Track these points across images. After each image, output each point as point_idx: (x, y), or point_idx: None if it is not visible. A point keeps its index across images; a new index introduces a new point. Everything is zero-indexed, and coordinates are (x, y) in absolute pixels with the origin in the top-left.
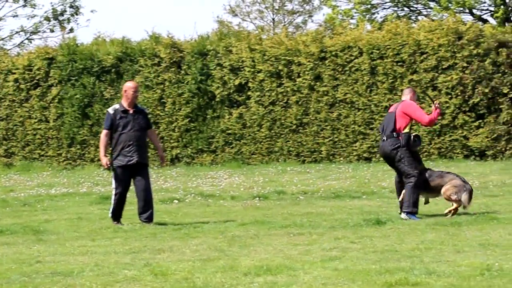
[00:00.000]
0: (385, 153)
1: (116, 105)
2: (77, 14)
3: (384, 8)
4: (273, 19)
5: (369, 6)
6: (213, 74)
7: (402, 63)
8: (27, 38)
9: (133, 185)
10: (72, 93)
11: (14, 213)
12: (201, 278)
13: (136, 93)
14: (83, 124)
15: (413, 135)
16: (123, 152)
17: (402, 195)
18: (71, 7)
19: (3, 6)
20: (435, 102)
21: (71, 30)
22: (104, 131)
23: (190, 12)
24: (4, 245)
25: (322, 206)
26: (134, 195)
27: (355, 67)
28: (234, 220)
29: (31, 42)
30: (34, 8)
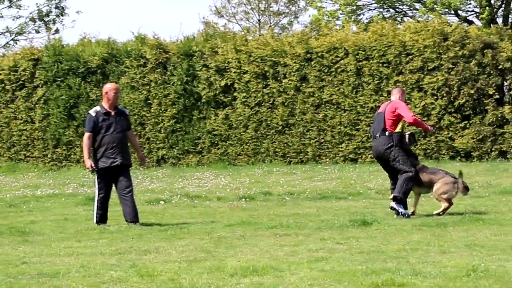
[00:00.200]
0: (378, 153)
1: (97, 107)
2: (63, 15)
3: (370, 9)
4: (259, 20)
5: (355, 8)
6: (199, 75)
7: (388, 64)
8: (13, 39)
9: (115, 186)
10: (58, 94)
11: (0, 214)
12: (188, 279)
13: (117, 94)
14: (69, 125)
15: (408, 134)
16: (106, 154)
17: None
18: (57, 8)
19: None
20: (434, 127)
21: (57, 31)
22: (87, 134)
23: (176, 13)
24: None
25: (308, 207)
26: (116, 196)
27: (341, 68)
28: (220, 221)
29: (17, 43)
30: (20, 9)
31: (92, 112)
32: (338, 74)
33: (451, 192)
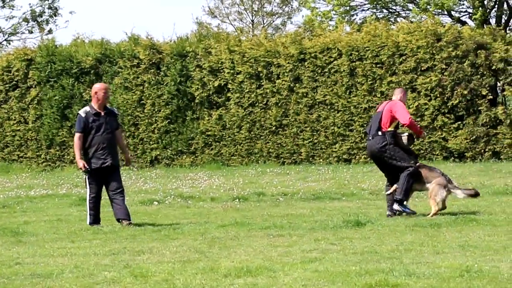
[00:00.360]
0: (373, 153)
1: (87, 108)
2: (56, 15)
3: (363, 10)
4: (252, 21)
5: (348, 8)
6: (193, 76)
7: (381, 65)
8: (6, 39)
9: (105, 187)
10: (51, 95)
11: None
12: (181, 280)
13: (107, 94)
14: (62, 126)
15: (408, 134)
16: (97, 155)
17: (393, 189)
18: (50, 8)
19: None
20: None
21: (50, 31)
22: (78, 135)
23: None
24: None
25: (302, 208)
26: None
27: (334, 69)
28: (214, 222)
29: (10, 43)
30: (13, 9)
31: (82, 113)
32: (332, 75)
33: (442, 195)
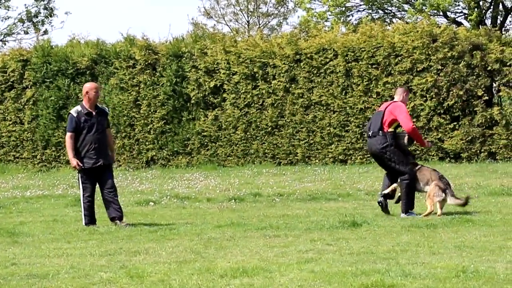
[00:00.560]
0: (373, 152)
1: (78, 107)
2: (52, 16)
3: (359, 11)
4: (248, 22)
5: (344, 9)
6: (188, 76)
7: (377, 66)
8: (1, 40)
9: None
10: (47, 95)
11: None
12: (177, 280)
13: (98, 94)
14: (58, 126)
15: (407, 135)
16: (89, 155)
17: (391, 188)
18: (45, 9)
19: None
20: (432, 143)
21: (46, 32)
22: (69, 134)
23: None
24: None
25: (298, 208)
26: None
27: (330, 69)
28: (210, 222)
29: (5, 44)
30: (8, 10)
31: (74, 112)
32: (327, 75)
33: (439, 197)
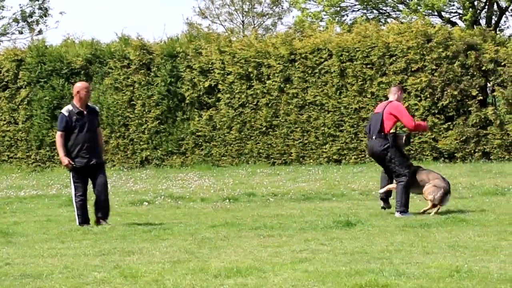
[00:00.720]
0: (374, 153)
1: (69, 106)
2: (46, 16)
3: (354, 11)
4: (243, 21)
5: (338, 9)
6: (183, 76)
7: (372, 66)
8: None
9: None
10: (41, 95)
11: None
12: (171, 280)
13: (89, 93)
14: (52, 126)
15: (406, 135)
16: (81, 154)
17: (386, 188)
18: (40, 9)
19: None
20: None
21: (40, 32)
22: (59, 133)
23: (160, 14)
24: None
25: (292, 208)
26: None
27: (325, 69)
28: (204, 222)
29: (0, 44)
30: (3, 10)
31: (65, 112)
32: (322, 75)
33: (436, 194)
